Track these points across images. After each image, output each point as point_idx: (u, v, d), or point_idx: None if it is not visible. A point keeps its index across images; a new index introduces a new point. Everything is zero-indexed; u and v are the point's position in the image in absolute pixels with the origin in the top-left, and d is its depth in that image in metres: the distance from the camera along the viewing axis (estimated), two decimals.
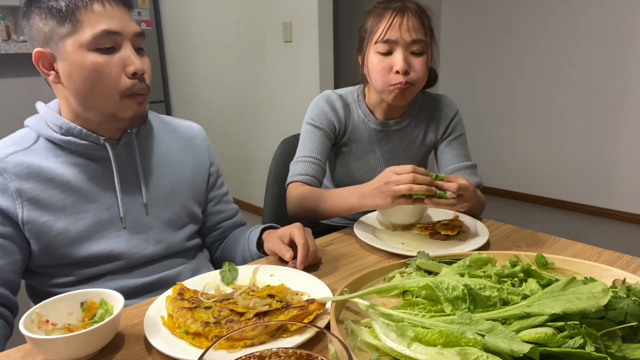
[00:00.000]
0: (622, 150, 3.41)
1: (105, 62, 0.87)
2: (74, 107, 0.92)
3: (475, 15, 3.97)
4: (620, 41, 3.27)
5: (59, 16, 0.85)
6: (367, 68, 1.24)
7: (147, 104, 0.95)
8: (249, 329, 0.65)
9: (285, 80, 3.23)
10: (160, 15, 4.06)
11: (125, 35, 0.89)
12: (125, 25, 0.89)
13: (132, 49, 0.90)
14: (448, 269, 0.78)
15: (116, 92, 0.89)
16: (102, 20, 0.86)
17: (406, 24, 1.16)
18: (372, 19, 1.22)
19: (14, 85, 3.30)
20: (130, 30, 0.89)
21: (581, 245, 1.04)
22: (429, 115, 1.37)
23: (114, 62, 0.88)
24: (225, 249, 1.19)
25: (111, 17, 0.87)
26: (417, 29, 1.17)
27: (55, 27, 0.86)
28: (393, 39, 1.17)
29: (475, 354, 0.53)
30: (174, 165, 1.07)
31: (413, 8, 1.18)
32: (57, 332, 0.70)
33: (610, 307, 0.60)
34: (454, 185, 1.01)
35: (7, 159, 0.89)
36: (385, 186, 1.01)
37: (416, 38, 1.17)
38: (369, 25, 1.22)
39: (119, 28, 0.88)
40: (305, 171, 1.26)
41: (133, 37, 0.90)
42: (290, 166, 1.31)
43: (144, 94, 0.92)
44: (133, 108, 0.91)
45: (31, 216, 0.89)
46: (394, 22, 1.16)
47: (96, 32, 0.85)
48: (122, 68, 0.89)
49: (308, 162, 1.27)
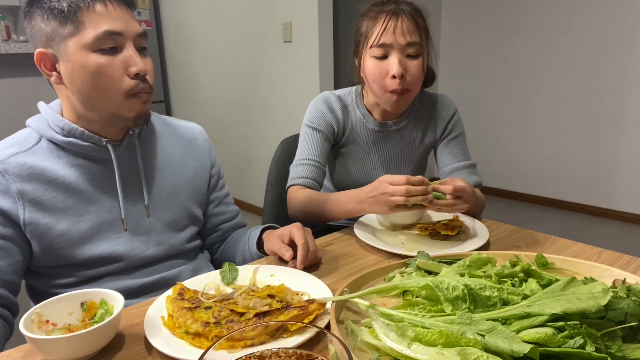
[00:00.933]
0: (622, 150, 3.42)
1: (107, 63, 0.87)
2: (76, 107, 0.91)
3: (475, 15, 3.97)
4: (621, 41, 3.27)
5: (60, 17, 0.85)
6: (364, 72, 1.24)
7: (150, 103, 0.95)
8: (249, 329, 0.65)
9: (285, 80, 3.23)
10: (160, 15, 4.06)
11: (127, 36, 0.88)
12: (127, 26, 0.89)
13: (135, 50, 0.90)
14: (448, 269, 0.78)
15: (119, 93, 0.89)
16: (104, 21, 0.86)
17: (400, 27, 1.15)
18: (366, 22, 1.22)
19: (14, 85, 3.30)
20: (133, 31, 0.89)
21: (581, 245, 1.04)
22: (428, 115, 1.37)
23: (116, 62, 0.87)
24: (226, 250, 1.19)
25: (113, 18, 0.87)
26: (411, 32, 1.16)
27: (57, 27, 0.86)
28: (388, 43, 1.16)
29: (475, 354, 0.53)
30: (175, 167, 1.07)
31: (407, 10, 1.17)
32: (57, 332, 0.70)
33: (610, 307, 0.60)
34: (449, 188, 1.01)
35: (8, 160, 0.89)
36: (382, 196, 1.02)
37: (411, 41, 1.16)
38: (364, 29, 1.22)
39: (121, 29, 0.87)
40: (305, 174, 1.26)
41: (135, 38, 0.90)
42: (290, 169, 1.31)
43: (148, 93, 0.92)
44: (137, 107, 0.91)
45: (32, 218, 0.89)
46: (388, 25, 1.16)
47: (98, 32, 0.85)
48: (125, 69, 0.88)
49: (308, 164, 1.27)
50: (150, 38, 4.00)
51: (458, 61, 4.16)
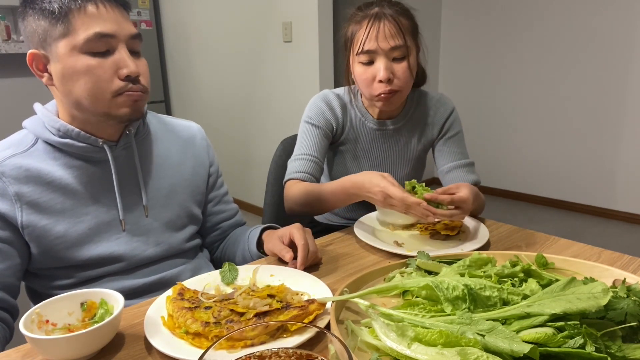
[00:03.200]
0: (622, 150, 3.41)
1: (97, 65, 0.85)
2: (69, 109, 0.91)
3: (475, 14, 3.97)
4: (621, 41, 3.27)
5: (51, 18, 0.84)
6: (354, 75, 1.24)
7: (143, 104, 0.93)
8: (249, 329, 0.65)
9: (285, 80, 3.23)
10: (160, 15, 4.06)
11: (119, 38, 0.87)
12: (119, 28, 0.87)
13: (127, 52, 0.88)
14: (448, 269, 0.78)
15: (108, 94, 0.87)
16: (96, 23, 0.85)
17: (383, 32, 1.15)
18: (351, 26, 1.22)
19: (14, 85, 3.30)
20: (125, 33, 0.88)
21: (581, 245, 1.04)
22: (426, 114, 1.37)
23: (107, 64, 0.86)
24: (225, 249, 1.19)
25: (105, 20, 0.85)
26: (394, 35, 1.16)
27: (48, 28, 0.85)
28: (372, 49, 1.16)
29: (475, 354, 0.53)
30: (173, 166, 1.06)
31: (389, 13, 1.16)
32: (57, 332, 0.70)
33: (610, 307, 0.60)
34: (448, 198, 1.01)
35: (5, 163, 0.88)
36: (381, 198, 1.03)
37: (394, 45, 1.16)
38: (350, 34, 1.23)
39: (113, 31, 0.86)
40: (302, 169, 1.26)
41: (128, 39, 0.89)
42: (288, 164, 1.31)
43: (138, 92, 0.90)
44: (127, 104, 0.89)
45: (30, 220, 0.88)
46: (370, 31, 1.16)
47: (89, 35, 0.84)
48: (115, 71, 0.87)
49: (305, 159, 1.27)
50: (150, 38, 4.00)
51: (458, 61, 4.16)
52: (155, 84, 4.09)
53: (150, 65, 1.09)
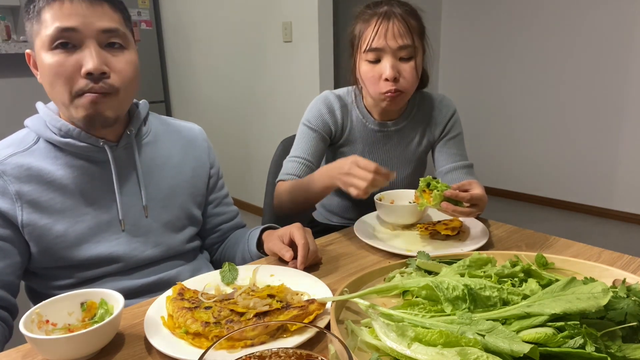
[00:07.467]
0: (622, 150, 3.42)
1: (60, 62, 0.84)
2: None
3: (475, 15, 3.97)
4: (620, 41, 3.27)
5: (29, 16, 0.86)
6: (359, 74, 1.24)
7: (108, 106, 0.88)
8: (249, 329, 0.65)
9: (285, 80, 3.22)
10: (160, 15, 4.06)
11: (85, 33, 0.84)
12: (85, 22, 0.83)
13: (96, 47, 0.85)
14: (448, 269, 0.78)
15: (67, 93, 0.85)
16: (58, 18, 0.83)
17: (392, 31, 1.15)
18: (359, 24, 1.22)
19: (14, 85, 3.30)
20: (94, 27, 0.84)
21: (581, 245, 1.04)
22: (427, 115, 1.37)
23: (69, 62, 0.83)
24: (225, 251, 1.19)
25: (69, 14, 0.83)
26: (403, 35, 1.16)
27: (30, 27, 0.87)
28: (380, 47, 1.16)
29: (475, 354, 0.53)
30: (173, 167, 1.06)
31: (398, 12, 1.16)
32: (57, 332, 0.70)
33: (610, 307, 0.60)
34: (467, 196, 1.00)
35: (6, 161, 0.89)
36: (347, 176, 1.01)
37: (402, 44, 1.16)
38: (357, 32, 1.22)
39: (76, 24, 0.83)
40: (293, 171, 1.27)
41: (99, 34, 0.85)
42: (284, 163, 1.32)
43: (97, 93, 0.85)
44: (84, 106, 0.86)
45: (31, 219, 0.88)
46: (379, 29, 1.16)
47: (51, 30, 0.83)
48: (78, 68, 0.84)
49: (298, 162, 1.28)
50: (150, 38, 4.00)
51: (458, 61, 4.16)
52: (155, 84, 4.09)
53: (150, 65, 1.09)
